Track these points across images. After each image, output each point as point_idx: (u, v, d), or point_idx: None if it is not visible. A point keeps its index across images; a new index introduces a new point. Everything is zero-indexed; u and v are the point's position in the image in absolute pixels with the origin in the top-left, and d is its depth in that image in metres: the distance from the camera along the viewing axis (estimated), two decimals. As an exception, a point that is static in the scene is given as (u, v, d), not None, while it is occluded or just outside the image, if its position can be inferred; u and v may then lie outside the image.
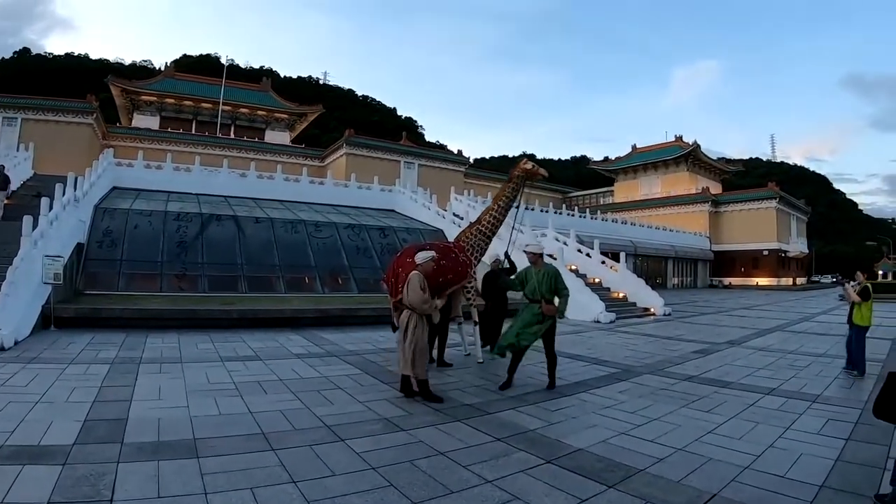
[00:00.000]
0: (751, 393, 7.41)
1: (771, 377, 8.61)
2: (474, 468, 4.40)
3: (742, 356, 10.78)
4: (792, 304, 28.19)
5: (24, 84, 61.55)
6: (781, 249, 55.53)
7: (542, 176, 9.95)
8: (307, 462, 4.40)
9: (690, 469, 4.49)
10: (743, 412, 6.39)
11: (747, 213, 56.45)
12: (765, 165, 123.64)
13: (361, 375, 7.94)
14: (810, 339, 13.52)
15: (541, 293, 7.39)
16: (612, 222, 46.04)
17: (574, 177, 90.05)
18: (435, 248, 8.48)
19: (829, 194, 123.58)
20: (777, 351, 11.57)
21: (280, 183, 29.00)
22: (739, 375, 8.70)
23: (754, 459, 4.74)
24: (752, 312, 22.47)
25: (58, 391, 6.35)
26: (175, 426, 5.20)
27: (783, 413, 6.38)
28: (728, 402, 6.84)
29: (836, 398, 7.25)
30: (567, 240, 24.04)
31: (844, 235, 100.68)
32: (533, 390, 7.33)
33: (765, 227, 54.90)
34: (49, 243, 12.42)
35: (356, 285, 19.57)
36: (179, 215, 19.59)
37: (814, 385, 8.09)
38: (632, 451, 4.93)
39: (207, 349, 9.73)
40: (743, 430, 5.62)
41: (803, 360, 10.35)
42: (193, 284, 17.16)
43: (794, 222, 60.46)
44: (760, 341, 13.16)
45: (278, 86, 66.16)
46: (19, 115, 37.79)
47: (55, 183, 15.91)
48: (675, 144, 65.16)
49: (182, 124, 50.97)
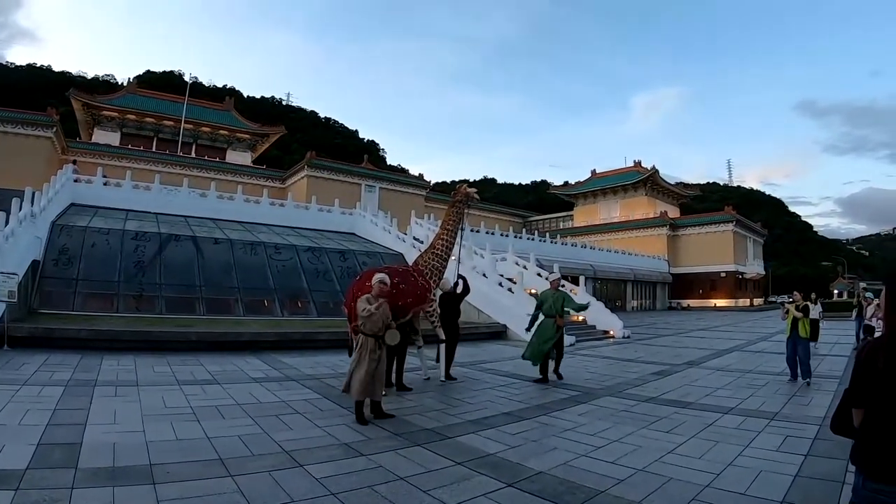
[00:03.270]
0: (710, 413, 7.46)
1: (730, 396, 8.69)
2: (435, 493, 4.32)
3: (701, 376, 10.89)
4: (749, 325, 28.81)
5: (-17, 93, 59.48)
6: (738, 271, 56.90)
7: (474, 198, 10.64)
8: (266, 488, 4.29)
9: (652, 489, 4.47)
10: (702, 432, 6.41)
11: (705, 237, 57.82)
12: (722, 190, 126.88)
13: (320, 400, 7.78)
14: (767, 359, 13.76)
15: (555, 310, 10.07)
16: (571, 246, 46.67)
17: (534, 201, 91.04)
18: (395, 272, 8.50)
19: (785, 217, 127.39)
20: (735, 371, 11.74)
21: (240, 204, 28.72)
22: (699, 395, 8.77)
23: (714, 478, 4.74)
24: (710, 333, 22.86)
25: (10, 413, 6.09)
26: (131, 451, 5.03)
27: (742, 431, 6.42)
28: (688, 422, 6.86)
29: (794, 415, 7.34)
30: (527, 264, 24.23)
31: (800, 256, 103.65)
32: (493, 414, 7.25)
33: (722, 249, 56.26)
34: (4, 259, 12.08)
35: (316, 308, 19.37)
36: (138, 234, 19.21)
37: (772, 403, 8.19)
38: (593, 472, 4.88)
39: (164, 372, 9.45)
40: (703, 450, 5.63)
41: (761, 379, 10.51)
42: (151, 305, 16.81)
43: (750, 244, 62.12)
44: (719, 361, 13.35)
45: (241, 105, 65.69)
46: (-24, 126, 36.52)
47: (12, 197, 15.46)
48: (634, 170, 66.56)
49: (143, 141, 49.97)
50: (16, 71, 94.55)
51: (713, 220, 58.63)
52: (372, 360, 6.59)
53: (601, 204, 68.16)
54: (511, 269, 22.24)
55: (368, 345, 6.66)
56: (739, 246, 58.14)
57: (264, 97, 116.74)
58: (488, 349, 15.15)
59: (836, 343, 17.80)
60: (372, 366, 6.59)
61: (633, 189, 64.51)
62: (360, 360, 6.59)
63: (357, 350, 6.75)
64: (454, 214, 10.47)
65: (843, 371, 11.62)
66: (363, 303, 6.78)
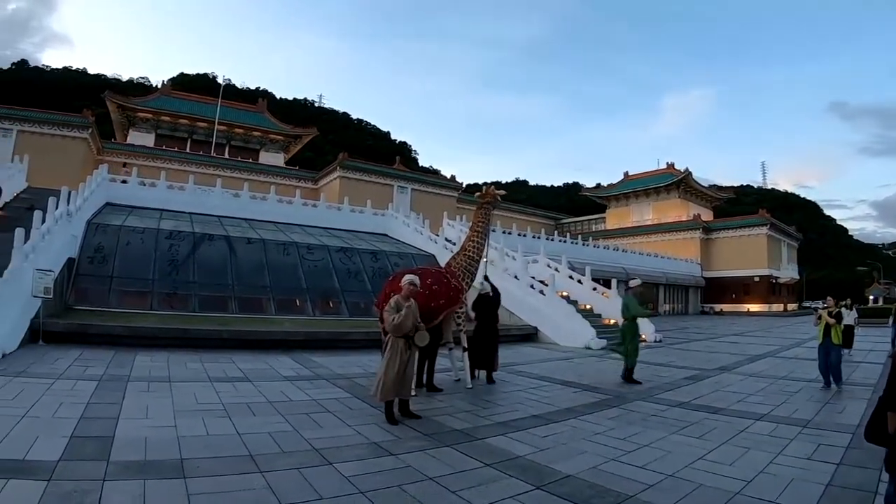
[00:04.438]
0: (742, 419, 7.38)
1: (762, 403, 8.58)
2: (463, 494, 4.35)
3: (733, 382, 10.76)
4: (783, 330, 28.24)
5: (20, 96, 60.55)
6: (772, 276, 55.75)
7: (498, 198, 11.02)
8: (295, 485, 4.34)
9: (681, 495, 4.45)
10: (734, 438, 6.35)
11: (738, 240, 56.78)
12: (755, 192, 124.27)
13: (351, 399, 7.87)
14: (801, 365, 13.50)
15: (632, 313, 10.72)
16: (603, 249, 46.22)
17: (566, 203, 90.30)
18: (428, 274, 8.54)
19: (819, 220, 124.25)
20: (768, 377, 11.56)
21: (273, 204, 28.99)
22: (731, 401, 8.67)
23: (745, 485, 4.71)
24: (743, 338, 22.49)
25: (44, 406, 6.28)
26: (162, 446, 5.14)
27: (774, 438, 6.35)
28: (719, 428, 6.80)
29: (827, 423, 7.23)
30: (559, 266, 24.10)
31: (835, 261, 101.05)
32: (522, 416, 7.28)
33: (756, 253, 55.19)
34: (40, 257, 12.36)
35: (347, 309, 19.52)
36: (172, 234, 19.50)
37: (804, 410, 8.07)
38: (622, 477, 4.88)
39: (197, 369, 9.64)
40: (734, 456, 5.58)
41: (794, 386, 10.34)
42: (184, 303, 17.06)
43: (784, 248, 60.84)
44: (751, 367, 13.15)
45: (274, 107, 66.30)
46: (14, 127, 37.46)
47: (48, 196, 15.89)
48: (666, 172, 65.69)
49: (177, 142, 50.83)
50: (51, 74, 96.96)
51: (747, 223, 57.48)
52: (402, 362, 6.61)
53: (633, 206, 67.39)
54: (543, 272, 22.13)
55: (399, 345, 6.69)
56: (773, 250, 56.97)
57: (297, 99, 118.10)
58: (519, 351, 15.12)
59: (871, 350, 17.40)
60: (402, 367, 6.62)
61: (666, 191, 63.64)
62: (391, 361, 6.62)
63: (387, 350, 6.77)
64: (482, 216, 10.62)
65: (877, 379, 11.33)
66: (391, 312, 6.77)
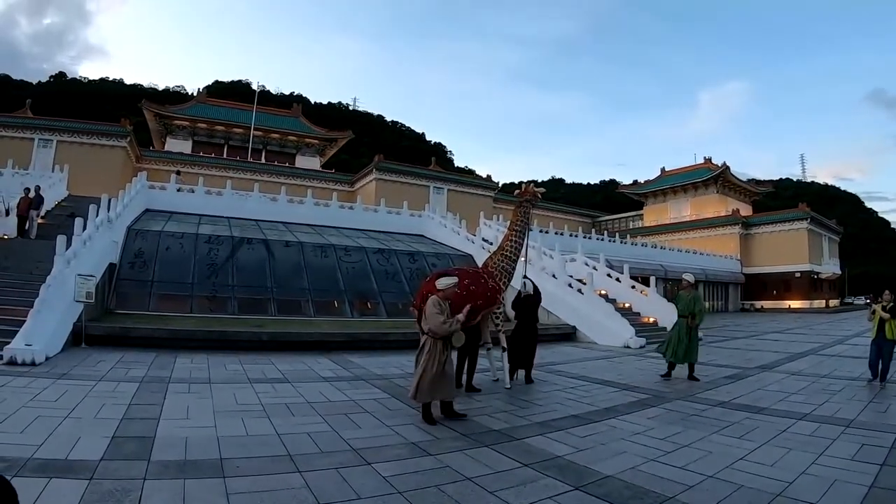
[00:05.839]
0: (783, 418, 7.30)
1: (804, 402, 8.45)
2: (501, 494, 4.40)
3: (774, 381, 10.60)
4: (825, 327, 27.54)
5: (59, 107, 62.70)
6: (814, 271, 54.22)
7: (538, 195, 10.88)
8: (333, 485, 4.43)
9: (721, 496, 4.45)
10: (775, 438, 6.29)
11: (778, 235, 55.38)
12: (794, 186, 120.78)
13: (389, 400, 7.97)
14: (844, 363, 13.22)
15: (689, 310, 10.79)
16: (641, 246, 45.57)
17: (603, 201, 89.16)
18: (465, 274, 8.55)
19: (861, 213, 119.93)
20: (810, 375, 11.35)
21: (310, 207, 29.30)
22: (772, 401, 8.56)
23: (787, 486, 4.68)
24: (784, 336, 22.02)
25: (86, 407, 6.49)
26: (202, 445, 5.29)
27: (816, 438, 6.28)
28: (760, 428, 6.74)
29: (871, 423, 7.11)
30: (596, 264, 23.92)
31: (877, 255, 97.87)
32: (561, 416, 7.31)
33: (796, 248, 53.73)
34: (82, 262, 12.78)
35: (385, 310, 19.72)
36: (210, 238, 19.93)
37: (848, 409, 7.94)
38: (662, 478, 4.90)
39: (236, 370, 9.84)
40: (775, 457, 5.55)
41: (837, 384, 10.13)
42: (223, 306, 17.43)
43: (825, 243, 59.11)
44: (793, 365, 12.91)
45: (308, 111, 67.12)
46: (55, 138, 38.67)
47: (89, 204, 16.41)
48: (704, 167, 64.39)
49: (214, 149, 51.93)
50: (89, 85, 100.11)
51: (786, 217, 55.84)
52: (439, 363, 6.64)
53: (671, 202, 66.14)
54: (580, 270, 21.99)
55: (437, 346, 6.71)
56: (814, 244, 55.31)
57: (331, 103, 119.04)
58: (558, 351, 15.10)
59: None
60: (439, 368, 6.64)
61: (704, 187, 62.33)
62: (429, 362, 6.63)
63: (426, 352, 6.75)
64: (521, 214, 10.51)
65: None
66: (432, 307, 6.78)
